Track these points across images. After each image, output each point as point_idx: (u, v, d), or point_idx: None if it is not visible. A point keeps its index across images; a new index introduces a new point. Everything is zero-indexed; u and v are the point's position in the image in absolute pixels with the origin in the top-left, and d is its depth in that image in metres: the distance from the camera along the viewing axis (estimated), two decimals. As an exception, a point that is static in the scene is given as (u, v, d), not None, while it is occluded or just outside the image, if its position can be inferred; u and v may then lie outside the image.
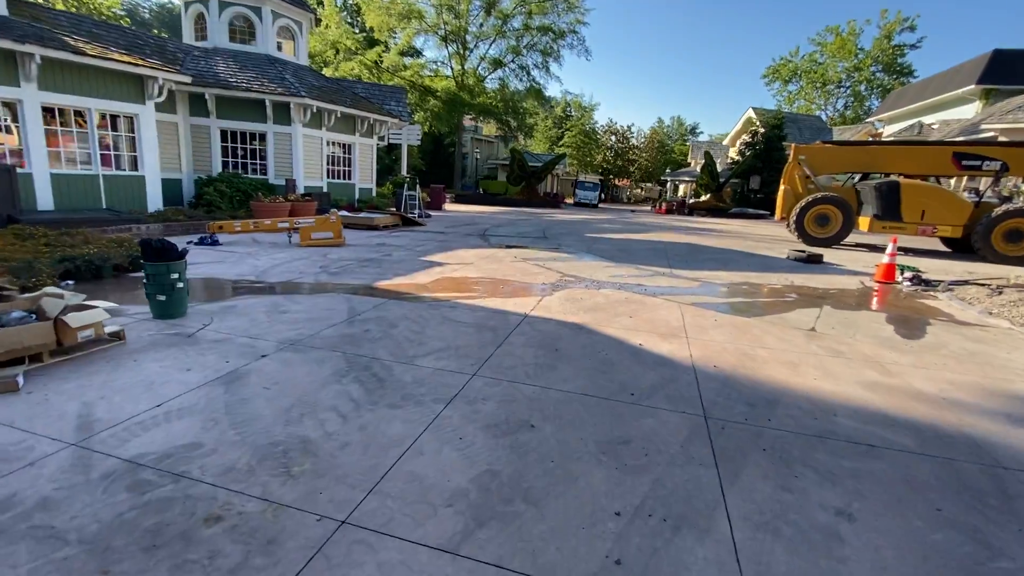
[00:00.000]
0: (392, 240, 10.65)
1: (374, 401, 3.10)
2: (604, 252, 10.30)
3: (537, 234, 13.36)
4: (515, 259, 8.79)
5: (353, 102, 15.43)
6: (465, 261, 8.33)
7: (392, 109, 17.57)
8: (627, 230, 16.32)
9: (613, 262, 9.00)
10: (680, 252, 10.80)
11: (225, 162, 13.70)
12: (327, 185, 15.18)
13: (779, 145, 31.87)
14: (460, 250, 9.58)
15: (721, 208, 29.16)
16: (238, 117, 13.47)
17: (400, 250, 9.25)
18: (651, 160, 64.92)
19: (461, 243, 10.65)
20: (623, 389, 3.46)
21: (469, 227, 14.38)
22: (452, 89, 31.91)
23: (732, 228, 19.40)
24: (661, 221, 22.70)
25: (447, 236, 11.86)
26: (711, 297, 6.50)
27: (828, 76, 53.59)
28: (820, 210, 12.37)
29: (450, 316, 5.02)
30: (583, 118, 58.64)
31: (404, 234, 11.91)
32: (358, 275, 6.83)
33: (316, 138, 14.60)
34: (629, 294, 6.41)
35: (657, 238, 13.81)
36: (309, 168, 14.48)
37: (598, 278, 7.40)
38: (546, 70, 34.05)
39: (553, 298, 6.02)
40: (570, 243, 11.64)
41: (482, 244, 10.66)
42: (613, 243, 12.07)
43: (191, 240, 8.87)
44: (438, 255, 8.84)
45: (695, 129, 75.46)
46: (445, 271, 7.39)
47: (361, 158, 16.41)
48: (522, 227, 15.30)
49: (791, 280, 7.95)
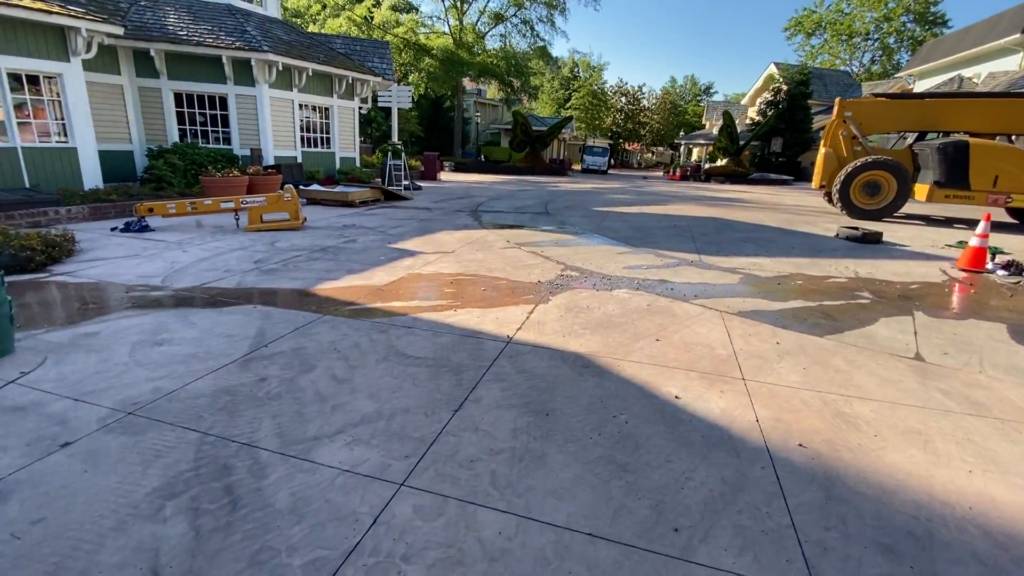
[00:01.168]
0: (365, 220, 9.06)
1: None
2: (616, 232, 8.66)
3: (538, 208, 11.69)
4: (507, 245, 7.20)
5: (328, 58, 13.56)
6: (444, 249, 6.76)
7: (375, 66, 15.63)
8: (640, 201, 14.56)
9: (627, 246, 7.38)
10: (706, 230, 9.13)
11: (182, 130, 12.04)
12: (301, 155, 13.50)
13: (804, 103, 29.42)
14: (442, 233, 7.99)
15: (740, 173, 27.05)
16: (193, 77, 11.73)
17: (369, 234, 7.69)
18: (663, 123, 61.98)
19: (446, 223, 9.04)
20: (659, 515, 1.96)
21: (461, 201, 12.72)
22: (449, 47, 29.52)
23: (758, 197, 17.51)
24: (677, 189, 20.80)
25: (432, 214, 10.24)
26: (760, 300, 4.92)
27: (855, 28, 49.83)
28: (870, 176, 10.54)
29: (399, 345, 3.51)
30: (592, 78, 55.53)
31: (382, 212, 10.30)
32: (300, 273, 5.31)
33: (286, 101, 12.84)
34: (651, 297, 4.84)
35: (676, 211, 12.09)
36: (279, 136, 12.79)
37: (609, 271, 5.82)
38: (551, 24, 31.49)
39: (550, 306, 4.48)
40: (575, 220, 9.99)
41: (471, 224, 9.05)
42: (626, 219, 10.40)
43: (116, 227, 7.36)
44: (413, 241, 7.27)
45: (709, 89, 71.74)
46: (415, 265, 5.84)
47: (341, 123, 14.63)
48: (522, 199, 13.60)
49: (854, 269, 6.31)
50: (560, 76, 65.54)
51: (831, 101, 34.82)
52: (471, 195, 14.41)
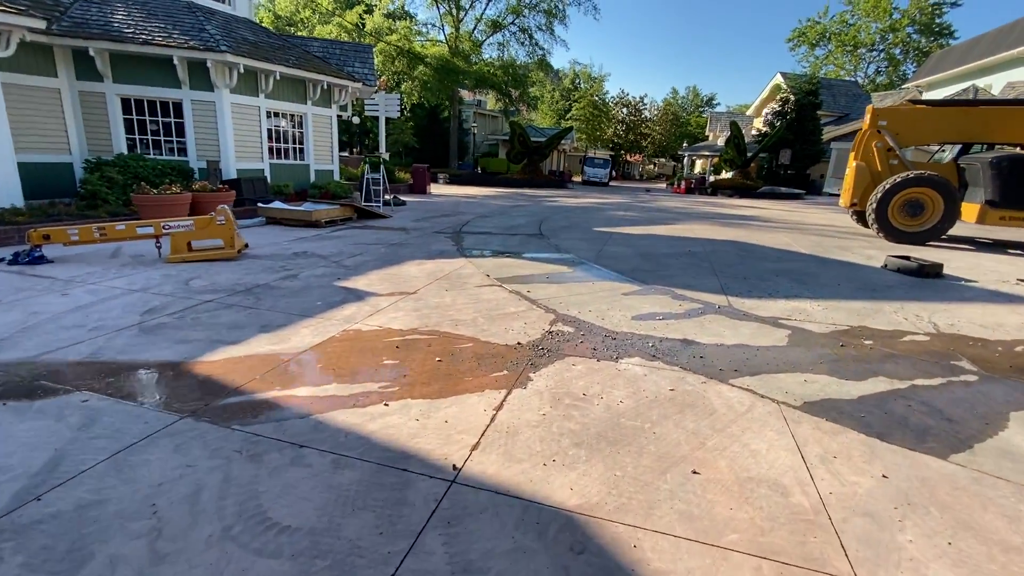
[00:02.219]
0: (322, 246, 7.68)
1: None
2: (620, 261, 7.27)
3: (531, 229, 10.31)
4: (486, 281, 5.80)
5: (301, 61, 12.28)
6: (405, 288, 5.36)
7: (355, 71, 14.35)
8: (647, 219, 13.19)
9: (635, 282, 5.97)
10: (727, 258, 7.73)
11: (132, 140, 10.72)
12: (269, 168, 12.16)
13: (813, 114, 28.23)
14: (410, 264, 6.59)
15: (749, 187, 25.73)
16: (144, 81, 10.43)
17: (319, 265, 6.29)
18: (665, 134, 61.00)
19: (419, 249, 7.66)
20: None
21: (446, 220, 11.36)
22: (444, 55, 28.39)
23: (774, 214, 16.13)
24: (683, 204, 19.46)
25: (407, 236, 8.86)
26: (828, 378, 3.50)
27: (859, 39, 48.94)
28: (912, 194, 9.17)
29: (266, 497, 2.09)
30: (592, 89, 54.60)
31: (349, 234, 8.92)
32: (195, 331, 3.90)
33: (251, 107, 11.54)
34: (674, 374, 3.43)
35: (687, 232, 10.70)
36: (243, 146, 11.47)
37: (614, 324, 4.41)
38: (550, 32, 30.41)
39: (529, 392, 3.07)
40: (573, 244, 8.60)
41: (449, 251, 7.67)
42: (631, 243, 9.01)
43: (3, 257, 5.97)
44: (369, 276, 5.87)
45: (712, 100, 70.89)
46: (358, 315, 4.43)
47: (317, 132, 13.33)
48: (514, 217, 12.24)
49: (929, 319, 4.90)
50: (560, 87, 64.73)
51: (840, 112, 33.72)
52: (459, 212, 13.06)
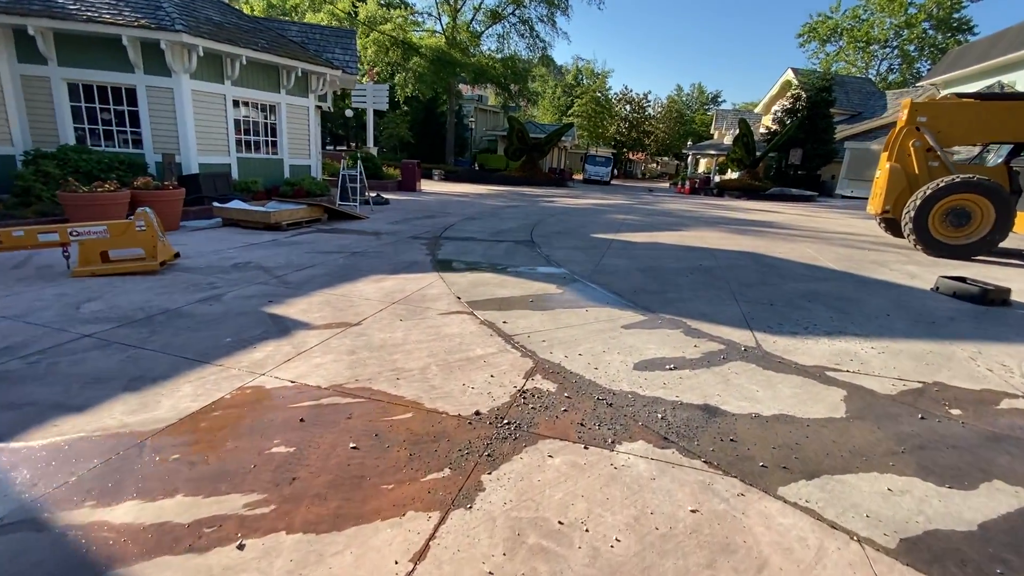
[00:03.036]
0: (271, 255, 6.58)
1: None
2: (621, 279, 6.15)
3: (521, 234, 9.20)
4: (453, 306, 4.70)
5: (272, 46, 11.15)
6: (348, 317, 4.26)
7: (335, 58, 13.21)
8: (650, 224, 12.06)
9: (638, 310, 4.86)
10: (747, 276, 6.60)
11: (80, 130, 9.64)
12: (237, 162, 11.06)
13: (826, 112, 26.97)
14: (366, 281, 5.49)
15: (757, 188, 24.55)
16: (93, 64, 9.33)
17: (255, 282, 5.20)
18: (668, 132, 59.75)
19: (384, 260, 6.55)
20: None
21: (428, 222, 10.25)
22: (441, 46, 27.20)
23: (790, 219, 14.95)
24: (690, 207, 18.31)
25: (377, 242, 7.76)
26: (918, 482, 2.39)
27: (872, 35, 47.51)
28: (957, 201, 8.02)
29: None
30: (595, 85, 53.32)
31: (310, 239, 7.82)
32: (38, 388, 2.82)
33: (215, 95, 10.43)
34: (695, 478, 2.33)
35: (697, 240, 9.58)
36: (206, 138, 10.36)
37: (610, 378, 3.31)
38: (552, 24, 29.18)
39: (473, 523, 1.97)
40: (567, 254, 7.49)
41: (419, 262, 6.56)
42: (633, 253, 7.89)
43: None
44: (311, 298, 4.77)
45: (717, 98, 69.54)
46: (271, 360, 3.34)
47: (292, 124, 12.20)
48: (505, 220, 11.12)
49: (1020, 369, 3.78)
50: (563, 83, 63.43)
51: (853, 109, 32.40)
52: (445, 213, 11.95)
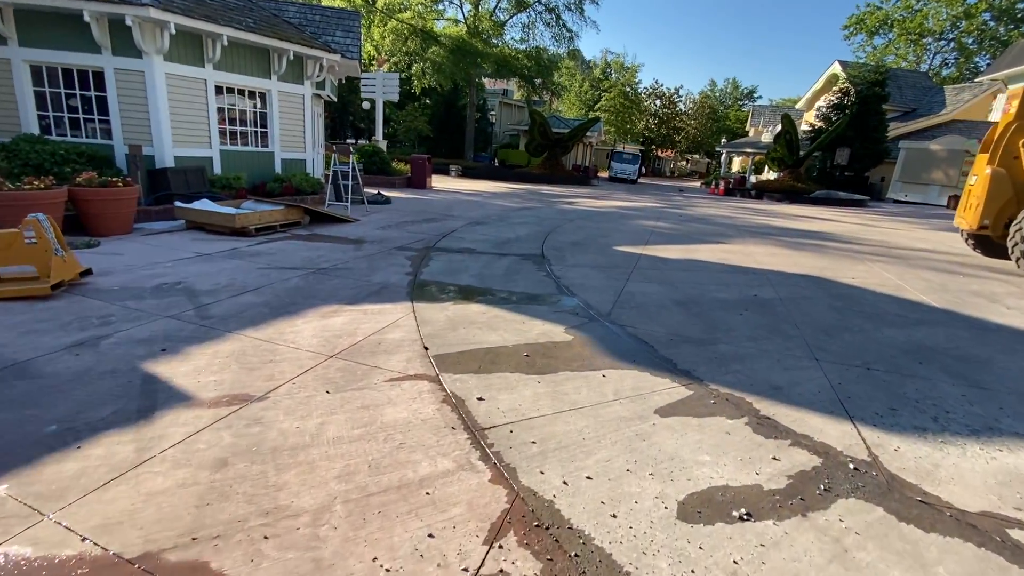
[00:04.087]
0: (214, 271, 5.34)
1: None
2: (652, 318, 4.71)
3: (530, 245, 7.80)
4: (412, 365, 3.35)
5: (259, 25, 9.97)
6: (248, 390, 2.95)
7: (334, 41, 11.98)
8: (685, 234, 10.51)
9: (680, 377, 3.43)
10: (821, 315, 5.07)
11: (44, 118, 8.63)
12: (220, 155, 9.94)
13: (878, 108, 24.65)
14: (313, 314, 4.18)
15: (801, 190, 22.50)
16: (57, 44, 8.29)
17: (165, 314, 3.94)
18: (700, 128, 57.35)
19: (350, 282, 5.25)
20: None
21: (426, 227, 8.94)
22: (461, 35, 25.87)
23: (847, 228, 13.10)
24: (728, 211, 16.58)
25: (354, 254, 6.46)
26: None
27: (926, 26, 44.24)
28: (1086, 218, 6.30)
29: None
30: (625, 78, 51.29)
31: (276, 248, 6.58)
32: None
33: (194, 80, 9.30)
34: None
35: (744, 257, 8.02)
36: (184, 128, 9.26)
37: (638, 542, 1.90)
38: (580, 12, 27.51)
39: None
40: (582, 276, 6.07)
41: (393, 285, 5.24)
42: (668, 275, 6.41)
43: None
44: (222, 343, 3.48)
45: (753, 93, 66.44)
46: (80, 481, 2.05)
47: (284, 114, 11.03)
48: (515, 226, 9.73)
49: None
50: (590, 77, 61.46)
51: (906, 106, 29.77)
52: (449, 215, 10.62)
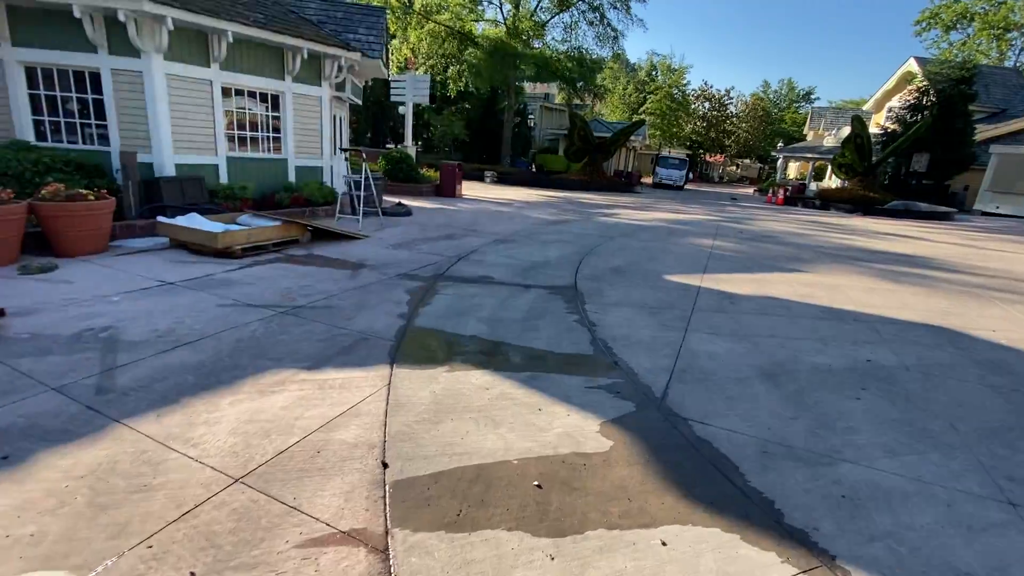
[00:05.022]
0: (171, 306, 4.30)
1: None
2: (731, 403, 3.33)
3: (561, 273, 6.48)
4: (347, 512, 2.13)
5: (269, 20, 9.12)
6: (78, 558, 1.80)
7: (356, 39, 11.05)
8: (751, 258, 8.94)
9: (792, 550, 2.07)
10: (979, 402, 3.53)
11: (40, 123, 8.02)
12: (226, 162, 9.13)
13: (963, 109, 21.92)
14: (250, 388, 3.04)
15: (872, 200, 20.15)
16: (51, 43, 7.67)
17: (52, 382, 2.88)
18: (752, 132, 54.36)
19: (322, 330, 4.10)
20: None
21: (442, 245, 7.79)
22: (500, 36, 24.85)
23: (946, 250, 11.05)
24: (793, 224, 14.71)
25: (347, 284, 5.34)
26: None
27: (1012, 19, 40.10)
28: None
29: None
30: (672, 80, 49.12)
31: (260, 275, 5.54)
32: None
33: (198, 82, 8.53)
34: None
35: (834, 293, 6.44)
36: (186, 133, 8.49)
37: None
38: (626, 9, 25.98)
39: None
40: (626, 322, 4.72)
41: (370, 339, 4.06)
42: (741, 324, 4.96)
43: None
44: (81, 453, 2.36)
45: (810, 95, 62.64)
46: None
47: (299, 118, 10.17)
48: (547, 245, 8.45)
49: None
50: (635, 79, 59.45)
51: (994, 107, 26.53)
52: (472, 230, 9.44)
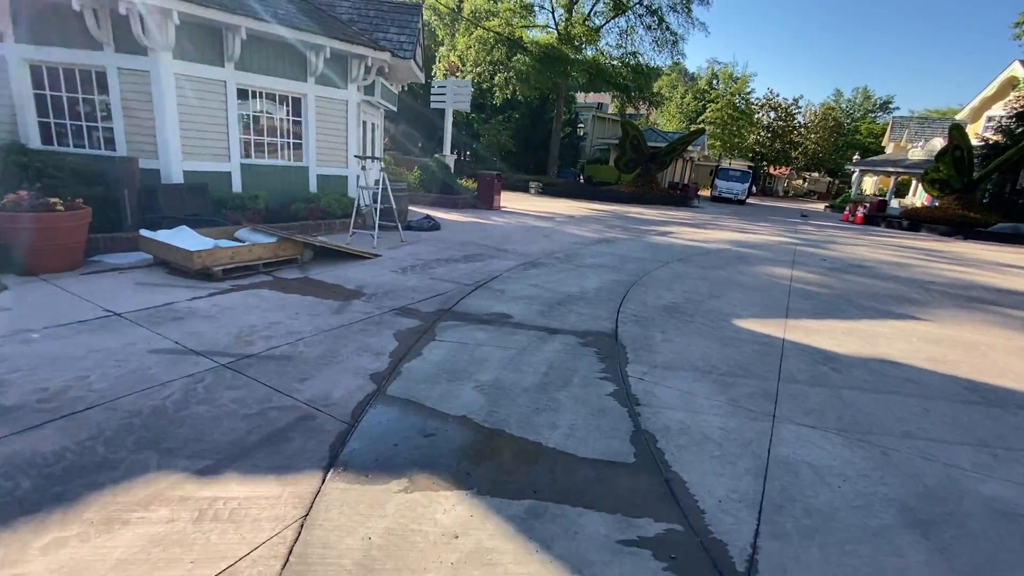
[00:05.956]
0: (83, 354, 3.38)
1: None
2: None
3: (599, 314, 5.17)
4: None
5: (289, 16, 8.40)
6: None
7: (388, 38, 10.24)
8: (842, 295, 7.29)
9: None
10: None
11: (46, 126, 7.61)
12: (240, 169, 8.46)
13: (1087, 116, 18.80)
14: (66, 526, 1.99)
15: (972, 221, 17.47)
16: (56, 40, 7.22)
17: None
18: (821, 144, 50.61)
19: (257, 400, 3.04)
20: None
21: (459, 269, 6.68)
22: (551, 42, 23.82)
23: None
24: (885, 251, 12.68)
25: (331, 321, 4.30)
26: None
27: None
28: None
29: None
30: (734, 88, 46.53)
31: (235, 303, 4.60)
32: None
33: (211, 82, 7.91)
34: None
35: (968, 356, 4.80)
36: (196, 138, 7.87)
37: None
38: (687, 12, 24.35)
39: None
40: (685, 402, 3.39)
41: (313, 423, 2.94)
42: (848, 402, 3.52)
43: None
44: None
45: (888, 103, 57.77)
46: None
47: (323, 123, 9.43)
48: (583, 273, 7.16)
49: None
50: (694, 88, 56.96)
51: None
52: (501, 250, 8.30)
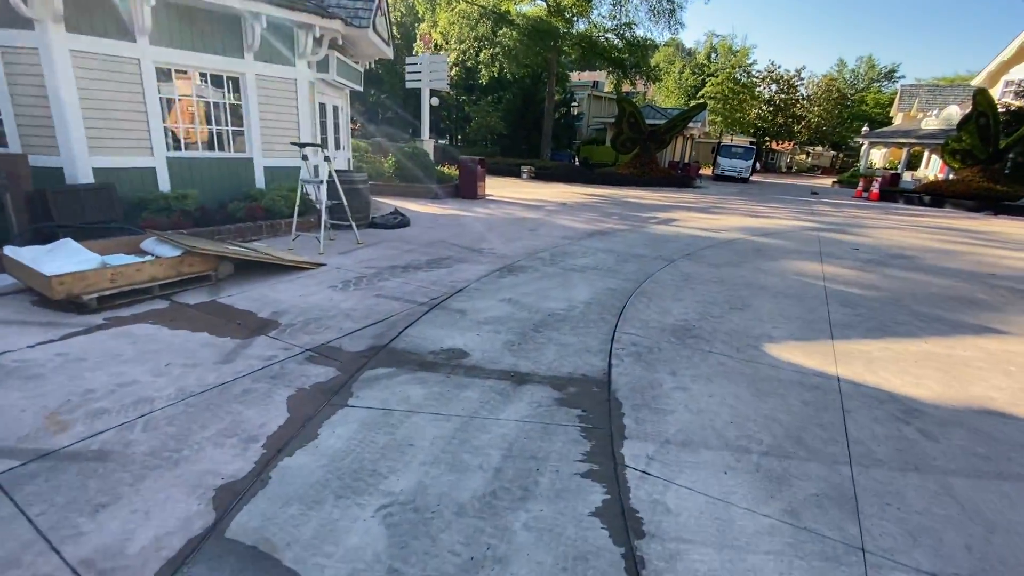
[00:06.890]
0: None
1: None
2: None
3: (587, 344, 3.95)
4: None
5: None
6: None
7: (340, 6, 8.81)
8: (895, 300, 6.04)
9: None
10: None
11: (-75, 118, 6.31)
12: (167, 165, 7.17)
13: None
14: None
15: (999, 195, 16.12)
16: (-71, 12, 5.89)
17: None
18: (826, 116, 48.79)
19: None
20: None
21: (420, 278, 5.43)
22: (540, 14, 22.23)
23: None
24: (918, 233, 11.38)
25: (204, 379, 3.09)
26: None
27: None
28: None
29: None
30: (734, 61, 44.66)
31: (77, 352, 3.39)
32: None
33: (120, 60, 6.58)
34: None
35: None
36: (106, 128, 6.57)
37: None
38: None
39: None
40: (715, 501, 2.19)
41: None
42: (968, 503, 2.33)
43: None
44: None
45: (893, 72, 55.67)
46: None
47: (268, 107, 8.09)
48: (568, 279, 5.91)
49: None
50: (692, 63, 54.95)
51: None
52: (476, 249, 7.04)
